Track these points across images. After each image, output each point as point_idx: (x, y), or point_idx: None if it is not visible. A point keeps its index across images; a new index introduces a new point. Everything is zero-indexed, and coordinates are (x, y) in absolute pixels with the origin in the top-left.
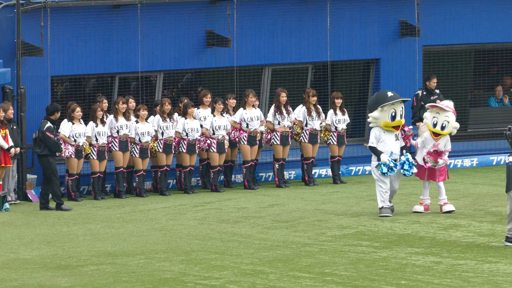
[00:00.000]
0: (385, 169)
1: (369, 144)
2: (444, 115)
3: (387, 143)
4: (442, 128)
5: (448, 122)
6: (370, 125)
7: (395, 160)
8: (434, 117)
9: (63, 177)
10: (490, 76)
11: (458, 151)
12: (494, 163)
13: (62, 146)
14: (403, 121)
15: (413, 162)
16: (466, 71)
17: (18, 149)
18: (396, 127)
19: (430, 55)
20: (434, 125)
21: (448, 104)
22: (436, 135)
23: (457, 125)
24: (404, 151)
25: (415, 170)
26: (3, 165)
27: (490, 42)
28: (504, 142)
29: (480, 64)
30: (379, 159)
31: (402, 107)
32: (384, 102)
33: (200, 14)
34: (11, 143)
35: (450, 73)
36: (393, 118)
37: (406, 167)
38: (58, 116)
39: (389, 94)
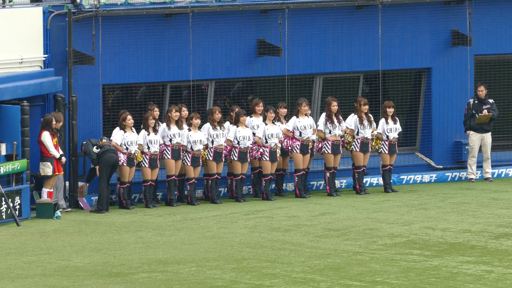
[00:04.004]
0: None
1: None
2: None
3: None
4: None
5: None
6: None
7: None
8: None
9: (115, 185)
10: None
11: (508, 160)
12: None
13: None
14: None
15: None
16: None
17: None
18: None
19: (481, 64)
20: None
21: None
22: None
23: None
24: None
25: None
26: (56, 173)
27: None
28: None
29: None
30: None
31: None
32: None
33: (252, 23)
34: (61, 152)
35: (502, 82)
36: None
37: None
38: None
39: None
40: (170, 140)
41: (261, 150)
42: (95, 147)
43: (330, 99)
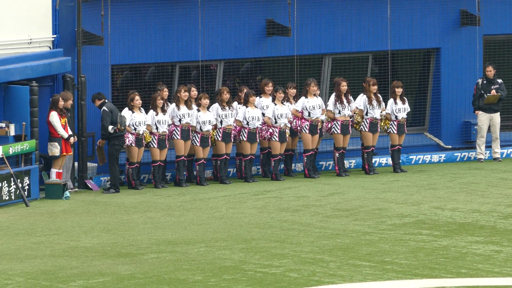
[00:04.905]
0: None
1: None
2: None
3: None
4: None
5: None
6: None
7: None
8: None
9: (124, 166)
10: None
11: None
12: None
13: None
14: None
15: None
16: None
17: (75, 138)
18: None
19: (490, 45)
20: None
21: None
22: None
23: None
24: None
25: None
26: (64, 153)
27: None
28: None
29: None
30: None
31: None
32: None
33: (261, 3)
34: (70, 132)
35: (511, 62)
36: None
37: None
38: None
39: None
40: (180, 121)
41: (270, 130)
42: (110, 127)
43: (340, 79)
